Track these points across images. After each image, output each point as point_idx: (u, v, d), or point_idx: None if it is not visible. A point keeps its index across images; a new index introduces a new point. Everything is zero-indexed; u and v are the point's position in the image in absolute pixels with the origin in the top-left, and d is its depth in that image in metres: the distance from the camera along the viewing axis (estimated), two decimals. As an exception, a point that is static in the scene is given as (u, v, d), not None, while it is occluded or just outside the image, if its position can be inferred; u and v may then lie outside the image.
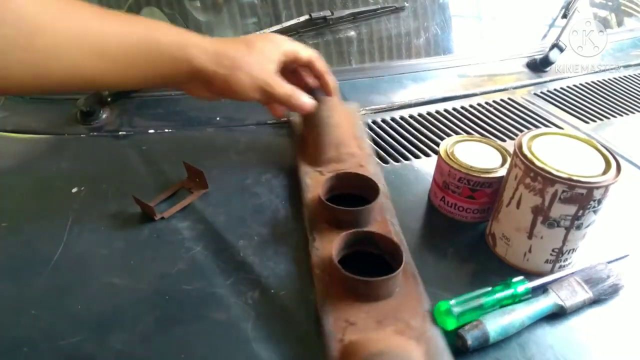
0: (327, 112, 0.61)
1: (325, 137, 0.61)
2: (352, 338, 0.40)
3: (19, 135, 0.67)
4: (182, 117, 0.73)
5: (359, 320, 0.42)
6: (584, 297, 0.46)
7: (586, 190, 0.44)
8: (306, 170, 0.60)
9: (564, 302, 0.46)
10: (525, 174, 0.47)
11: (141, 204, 0.54)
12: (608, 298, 0.48)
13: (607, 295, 0.48)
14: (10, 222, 0.53)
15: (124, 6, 0.83)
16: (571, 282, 0.48)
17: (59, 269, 0.48)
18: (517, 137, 0.50)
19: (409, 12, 0.89)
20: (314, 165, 0.61)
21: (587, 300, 0.47)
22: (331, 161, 0.61)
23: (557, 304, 0.46)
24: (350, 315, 0.42)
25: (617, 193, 0.46)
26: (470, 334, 0.42)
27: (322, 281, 0.45)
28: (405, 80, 0.85)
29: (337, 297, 0.43)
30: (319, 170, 0.60)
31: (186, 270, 0.48)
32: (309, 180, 0.58)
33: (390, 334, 0.40)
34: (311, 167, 0.61)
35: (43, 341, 0.41)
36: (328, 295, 0.44)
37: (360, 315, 0.42)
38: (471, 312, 0.43)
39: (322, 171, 0.60)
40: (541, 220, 0.47)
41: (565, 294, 0.46)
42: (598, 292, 0.47)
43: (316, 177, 0.59)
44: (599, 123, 0.81)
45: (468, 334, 0.42)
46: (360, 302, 0.43)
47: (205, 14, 0.86)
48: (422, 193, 0.61)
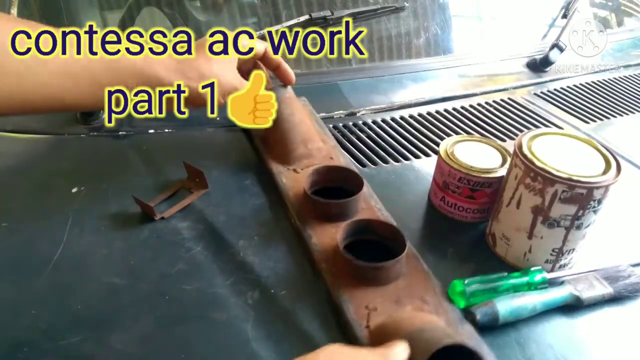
0: (288, 109, 0.62)
1: (291, 135, 0.62)
2: (377, 322, 0.41)
3: (19, 135, 0.67)
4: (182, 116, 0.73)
5: (377, 304, 0.43)
6: (602, 292, 0.46)
7: (586, 190, 0.44)
8: (279, 170, 0.61)
9: (580, 294, 0.46)
10: (525, 174, 0.47)
11: (141, 204, 0.54)
12: (629, 296, 0.47)
13: (628, 293, 0.47)
14: (10, 222, 0.53)
15: (124, 6, 0.83)
16: (589, 277, 0.48)
17: (59, 269, 0.47)
18: (517, 137, 0.50)
19: (409, 12, 0.89)
20: (285, 164, 0.62)
21: (606, 295, 0.47)
22: (302, 158, 0.62)
23: (573, 294, 0.46)
24: (368, 302, 0.43)
25: (617, 193, 0.47)
26: (480, 310, 0.43)
27: (331, 273, 0.46)
28: (405, 80, 0.85)
29: (351, 286, 0.45)
30: (292, 168, 0.61)
31: (186, 270, 0.48)
32: (285, 180, 0.59)
33: (411, 312, 0.42)
34: (283, 166, 0.61)
35: (43, 341, 0.41)
36: (341, 286, 0.45)
37: (377, 300, 0.44)
38: (485, 293, 0.44)
39: (295, 169, 0.61)
40: (541, 220, 0.47)
41: (583, 287, 0.47)
42: (618, 289, 0.47)
43: (291, 175, 0.60)
44: (599, 123, 0.81)
45: (478, 310, 0.43)
46: (373, 287, 0.45)
47: (205, 14, 0.86)
48: (422, 193, 0.61)
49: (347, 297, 0.44)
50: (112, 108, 0.48)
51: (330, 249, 0.48)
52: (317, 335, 0.42)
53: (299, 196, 0.55)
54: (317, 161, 0.61)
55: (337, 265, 0.46)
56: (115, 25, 0.83)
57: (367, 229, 0.50)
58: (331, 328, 0.43)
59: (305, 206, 0.54)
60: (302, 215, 0.53)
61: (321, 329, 0.43)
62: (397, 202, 0.57)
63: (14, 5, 0.78)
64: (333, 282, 0.45)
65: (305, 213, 0.53)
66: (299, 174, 0.59)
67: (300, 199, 0.55)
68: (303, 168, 0.60)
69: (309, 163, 0.61)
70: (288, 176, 0.60)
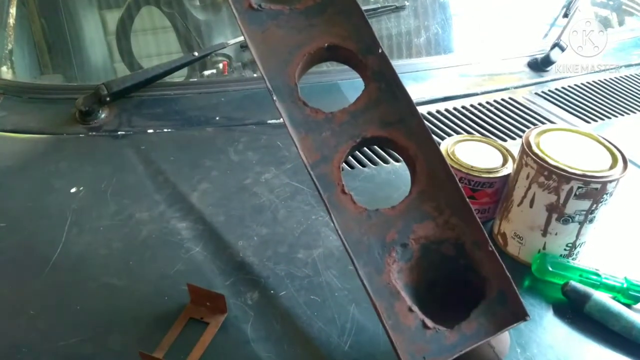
0: None
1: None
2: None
3: (18, 135, 0.67)
4: (181, 116, 0.72)
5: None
6: None
7: (600, 185, 0.45)
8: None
9: None
10: (538, 173, 0.47)
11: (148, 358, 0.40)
12: None
13: None
14: (9, 222, 0.53)
15: (123, 5, 0.83)
16: None
17: (58, 269, 0.47)
18: (524, 136, 0.50)
19: (409, 12, 0.89)
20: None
21: None
22: None
23: None
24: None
25: (620, 192, 0.47)
26: (575, 284, 0.46)
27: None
28: (406, 80, 0.83)
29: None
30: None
31: (186, 270, 0.48)
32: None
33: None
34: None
35: (42, 342, 0.41)
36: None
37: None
38: (565, 271, 0.48)
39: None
40: (556, 217, 0.47)
41: None
42: None
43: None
44: (600, 122, 0.81)
45: (573, 283, 0.46)
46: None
47: (204, 13, 0.86)
48: (423, 193, 0.61)
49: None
50: None
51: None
52: (317, 336, 0.42)
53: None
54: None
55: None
56: (115, 24, 0.83)
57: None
58: (332, 329, 0.43)
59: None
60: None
61: (321, 329, 0.43)
62: (397, 202, 0.57)
63: (13, 4, 0.77)
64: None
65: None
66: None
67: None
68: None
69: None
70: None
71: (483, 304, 0.37)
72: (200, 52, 0.75)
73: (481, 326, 0.37)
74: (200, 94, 0.75)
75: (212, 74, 0.83)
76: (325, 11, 0.44)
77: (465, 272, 0.39)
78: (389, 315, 0.37)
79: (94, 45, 0.86)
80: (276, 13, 0.43)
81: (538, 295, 0.48)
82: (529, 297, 0.48)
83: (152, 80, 0.72)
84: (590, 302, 0.45)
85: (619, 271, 0.49)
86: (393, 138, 0.43)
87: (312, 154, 0.41)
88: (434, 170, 0.41)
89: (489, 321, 0.37)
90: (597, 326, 0.45)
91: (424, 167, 0.41)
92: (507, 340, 0.41)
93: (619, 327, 0.44)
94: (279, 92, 0.42)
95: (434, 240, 0.40)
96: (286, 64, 0.43)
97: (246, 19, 0.43)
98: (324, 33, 0.44)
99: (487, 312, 0.37)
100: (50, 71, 0.83)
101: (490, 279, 0.38)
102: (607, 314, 0.44)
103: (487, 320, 0.37)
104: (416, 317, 0.37)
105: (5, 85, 0.74)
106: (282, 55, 0.43)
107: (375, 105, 0.43)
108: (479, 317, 0.37)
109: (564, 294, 0.46)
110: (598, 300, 0.45)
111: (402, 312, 0.37)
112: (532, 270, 0.49)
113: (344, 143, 0.42)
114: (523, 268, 0.51)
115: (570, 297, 0.46)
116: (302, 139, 0.41)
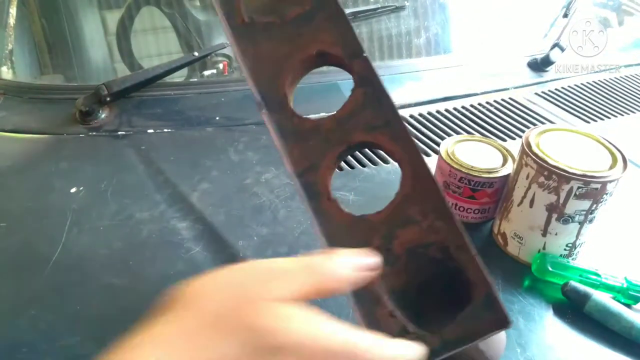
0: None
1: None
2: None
3: (18, 135, 0.67)
4: (182, 116, 0.72)
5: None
6: None
7: (600, 184, 0.45)
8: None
9: None
10: (538, 173, 0.47)
11: None
12: None
13: None
14: (9, 222, 0.53)
15: (123, 5, 0.83)
16: None
17: (58, 269, 0.47)
18: (524, 136, 0.50)
19: (409, 12, 0.89)
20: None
21: None
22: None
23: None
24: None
25: (619, 192, 0.47)
26: (574, 284, 0.46)
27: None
28: (405, 80, 0.84)
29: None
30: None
31: (186, 270, 0.48)
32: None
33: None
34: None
35: (42, 342, 0.41)
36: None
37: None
38: (564, 271, 0.48)
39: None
40: (556, 217, 0.48)
41: None
42: None
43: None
44: (600, 123, 0.81)
45: (573, 283, 0.46)
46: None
47: (205, 13, 0.86)
48: (423, 193, 0.61)
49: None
50: None
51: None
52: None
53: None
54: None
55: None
56: (115, 25, 0.83)
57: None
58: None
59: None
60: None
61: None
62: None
63: (13, 5, 0.77)
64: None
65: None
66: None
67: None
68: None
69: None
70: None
71: (468, 308, 0.37)
72: (201, 52, 0.75)
73: (464, 331, 0.36)
74: (200, 94, 0.75)
75: (212, 74, 0.83)
76: (314, 19, 0.44)
77: (455, 275, 0.39)
78: (369, 322, 0.37)
79: (94, 45, 0.86)
80: (267, 25, 0.43)
81: (538, 295, 0.48)
82: (529, 297, 0.48)
83: (152, 81, 0.72)
84: (590, 302, 0.45)
85: (618, 271, 0.49)
86: (379, 142, 0.42)
87: (298, 163, 0.41)
88: (418, 173, 0.41)
89: (473, 326, 0.36)
90: (597, 326, 0.45)
91: (409, 170, 0.41)
92: (500, 344, 0.41)
93: (619, 327, 0.44)
94: (268, 104, 0.42)
95: (419, 244, 0.39)
96: (277, 75, 0.43)
97: (238, 36, 0.43)
98: (313, 41, 0.43)
99: (471, 317, 0.37)
100: (51, 71, 0.83)
101: (477, 283, 0.38)
102: (607, 314, 0.44)
103: (471, 325, 0.36)
104: (397, 322, 0.36)
105: (5, 85, 0.74)
106: (273, 68, 0.43)
107: (362, 109, 0.43)
108: (464, 321, 0.36)
109: (564, 294, 0.46)
110: (598, 301, 0.45)
111: (383, 317, 0.37)
112: (532, 270, 0.49)
113: (331, 150, 0.42)
114: (523, 268, 0.51)
115: (570, 297, 0.46)
116: (289, 149, 0.41)
